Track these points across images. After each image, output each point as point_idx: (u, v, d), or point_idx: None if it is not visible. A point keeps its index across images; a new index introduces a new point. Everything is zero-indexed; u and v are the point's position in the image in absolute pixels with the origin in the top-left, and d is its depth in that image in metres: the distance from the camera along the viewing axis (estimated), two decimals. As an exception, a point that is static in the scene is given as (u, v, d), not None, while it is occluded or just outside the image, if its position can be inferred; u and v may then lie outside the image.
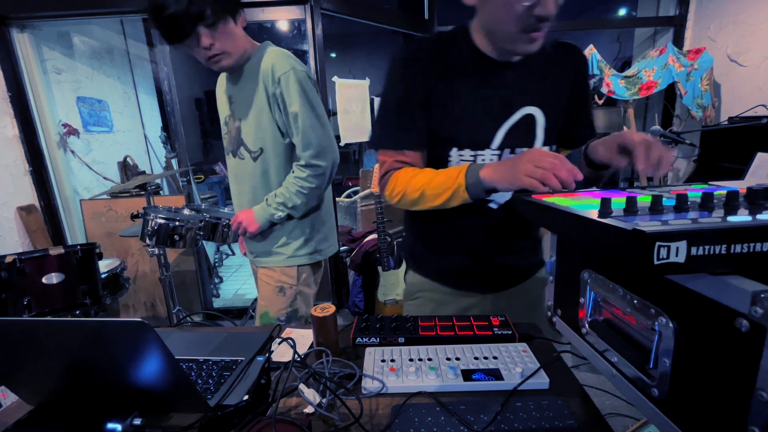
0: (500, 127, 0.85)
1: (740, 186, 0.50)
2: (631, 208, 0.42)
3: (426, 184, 0.81)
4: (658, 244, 0.32)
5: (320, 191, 1.24)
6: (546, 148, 0.89)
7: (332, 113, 2.61)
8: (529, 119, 0.86)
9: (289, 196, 1.20)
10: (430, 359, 0.76)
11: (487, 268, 0.98)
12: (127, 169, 3.01)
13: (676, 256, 0.32)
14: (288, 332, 0.91)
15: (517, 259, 1.00)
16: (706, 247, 0.32)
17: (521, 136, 0.86)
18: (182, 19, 1.03)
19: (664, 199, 0.43)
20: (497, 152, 0.86)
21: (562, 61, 0.89)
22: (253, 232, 1.24)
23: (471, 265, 0.97)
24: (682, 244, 0.32)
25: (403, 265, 2.44)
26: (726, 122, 2.27)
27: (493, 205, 0.91)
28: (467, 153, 0.86)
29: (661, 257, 0.32)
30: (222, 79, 1.31)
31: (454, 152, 0.86)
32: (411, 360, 0.76)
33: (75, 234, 2.69)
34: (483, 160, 0.86)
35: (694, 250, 0.32)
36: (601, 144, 0.77)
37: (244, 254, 1.43)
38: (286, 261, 1.28)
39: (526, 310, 0.99)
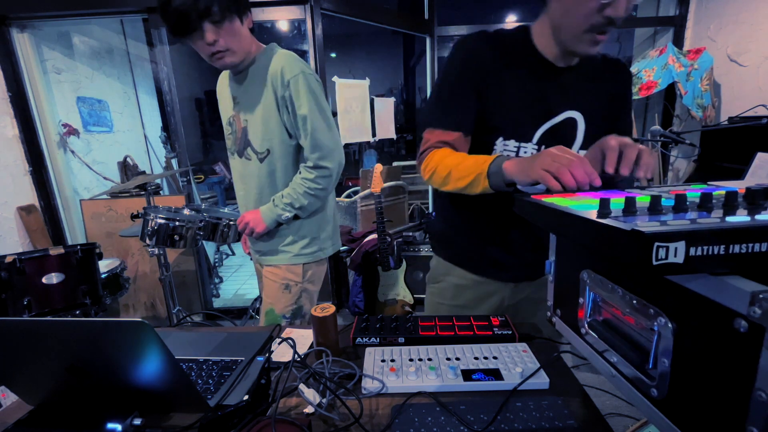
0: (542, 125, 0.89)
1: (740, 186, 0.50)
2: (629, 208, 0.42)
3: (456, 165, 0.84)
4: (656, 244, 0.32)
5: (327, 192, 1.25)
6: (582, 152, 0.92)
7: (333, 114, 2.61)
8: (571, 122, 0.91)
9: (296, 196, 1.21)
10: (430, 359, 0.76)
11: (511, 258, 1.01)
12: (127, 169, 3.01)
13: (675, 256, 0.32)
14: (288, 332, 0.91)
15: (540, 252, 1.01)
16: (705, 248, 0.32)
17: (561, 136, 0.91)
18: (189, 13, 1.04)
19: (663, 199, 0.43)
20: (536, 147, 0.90)
21: (610, 74, 0.95)
22: (260, 233, 1.25)
23: (496, 253, 1.01)
24: (681, 245, 0.32)
25: (404, 265, 2.45)
26: (726, 122, 2.27)
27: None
28: (512, 143, 0.90)
29: (659, 258, 0.32)
30: (224, 79, 1.32)
31: (499, 141, 0.90)
32: (411, 360, 0.76)
33: (75, 234, 2.69)
34: (525, 152, 0.90)
35: (692, 251, 0.32)
36: (589, 151, 0.77)
37: (248, 253, 1.44)
38: (292, 259, 1.29)
39: (542, 305, 1.03)
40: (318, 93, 1.18)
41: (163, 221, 1.69)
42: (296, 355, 0.72)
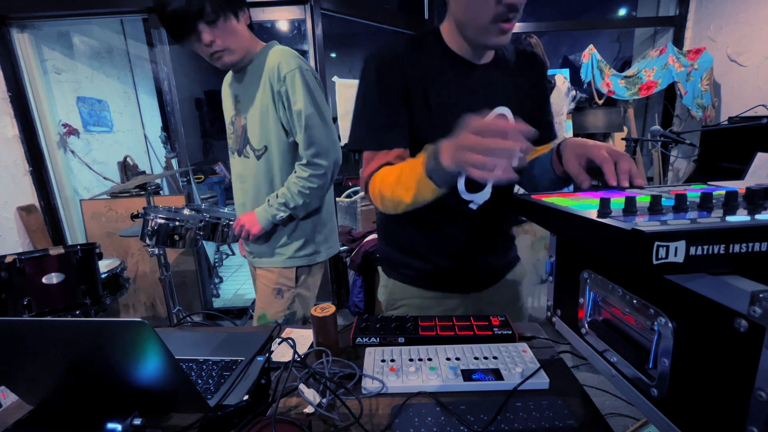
0: None
1: (740, 186, 0.50)
2: (630, 208, 0.42)
3: (396, 180, 0.75)
4: (656, 243, 0.32)
5: (322, 191, 1.23)
6: None
7: (333, 117, 2.61)
8: (502, 119, 0.86)
9: (291, 196, 1.19)
10: (430, 359, 0.76)
11: (468, 269, 0.98)
12: (127, 169, 3.01)
13: (675, 255, 0.32)
14: (288, 332, 0.91)
15: (497, 257, 1.01)
16: (705, 247, 0.32)
17: None
18: (182, 16, 1.04)
19: (663, 199, 0.43)
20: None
21: (526, 68, 0.93)
22: (255, 234, 1.24)
23: (453, 267, 0.96)
24: (681, 244, 0.32)
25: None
26: (726, 122, 2.27)
27: (473, 206, 0.91)
28: None
29: (659, 257, 0.32)
30: (228, 79, 1.32)
31: None
32: (411, 360, 0.76)
33: (75, 234, 2.69)
34: None
35: (692, 250, 0.32)
36: (570, 151, 0.71)
37: (244, 255, 1.43)
38: (285, 262, 1.27)
39: (506, 306, 1.02)
40: (314, 89, 1.16)
41: (163, 221, 1.69)
42: (296, 355, 0.72)
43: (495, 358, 0.75)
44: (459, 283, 0.99)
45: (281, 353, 0.80)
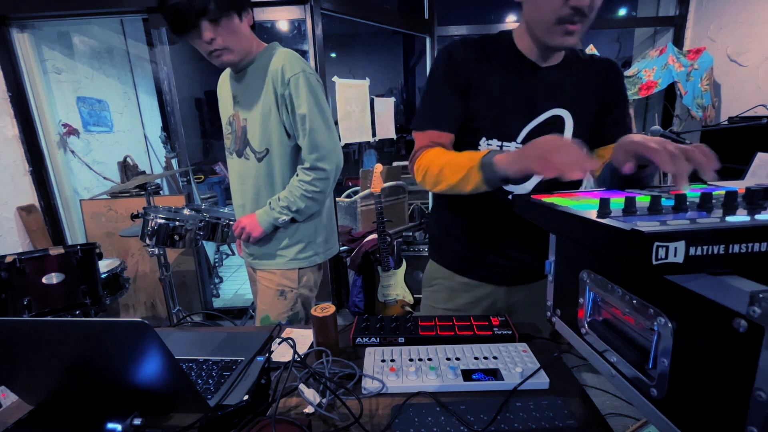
0: (528, 123, 0.90)
1: (740, 186, 0.50)
2: (629, 208, 0.42)
3: (448, 162, 0.84)
4: (656, 244, 0.32)
5: (324, 195, 1.23)
6: None
7: (334, 119, 2.61)
8: (558, 120, 0.91)
9: (293, 199, 1.19)
10: (430, 359, 0.76)
11: (503, 261, 1.01)
12: (127, 169, 3.01)
13: (675, 256, 0.32)
14: (288, 332, 0.91)
15: (533, 255, 1.01)
16: (705, 248, 0.32)
17: (547, 134, 0.88)
18: (185, 12, 1.04)
19: (663, 199, 0.43)
20: (521, 146, 0.90)
21: (598, 73, 0.95)
22: (256, 237, 1.23)
23: (487, 256, 1.01)
24: (681, 245, 0.32)
25: (404, 265, 2.45)
26: (726, 122, 2.27)
27: (511, 197, 0.93)
28: (495, 143, 0.90)
29: (659, 257, 0.32)
30: (225, 78, 1.31)
31: (482, 141, 0.91)
32: (411, 360, 0.76)
33: (75, 234, 2.69)
34: (508, 151, 0.88)
35: (692, 251, 0.32)
36: (619, 151, 0.71)
37: (242, 256, 1.43)
38: (287, 264, 1.27)
39: (537, 307, 1.02)
40: (318, 93, 1.17)
41: (163, 221, 1.69)
42: (296, 355, 0.72)
43: (495, 358, 0.75)
44: (490, 274, 1.03)
45: (281, 353, 0.80)
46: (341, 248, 2.73)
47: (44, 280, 1.61)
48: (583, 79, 0.93)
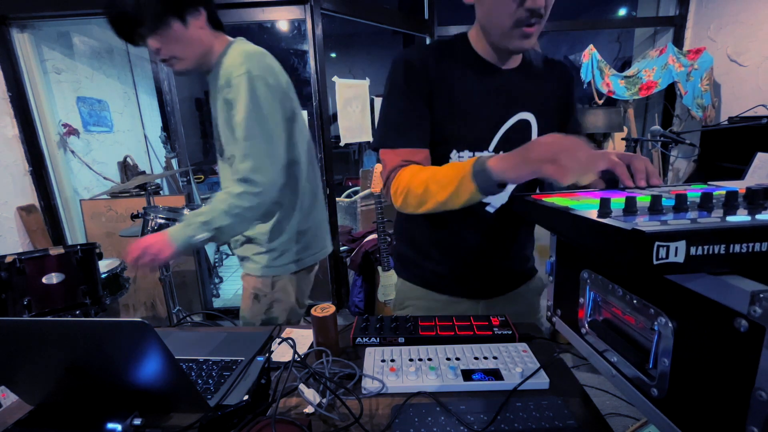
0: (498, 130, 0.87)
1: (740, 186, 0.50)
2: (630, 208, 0.42)
3: (431, 177, 0.77)
4: (657, 243, 0.32)
5: (253, 214, 1.06)
6: None
7: (333, 118, 2.61)
8: (524, 124, 0.89)
9: (215, 215, 1.01)
10: (430, 359, 0.76)
11: (480, 274, 0.97)
12: (127, 169, 3.01)
13: (675, 255, 0.32)
14: (288, 332, 0.91)
15: (510, 265, 1.00)
16: (705, 247, 0.32)
17: (516, 139, 0.87)
18: (119, 23, 0.97)
19: (663, 199, 0.43)
20: (493, 155, 0.85)
21: (554, 75, 0.93)
22: (166, 258, 1.02)
23: (463, 271, 0.96)
24: (681, 244, 0.32)
25: (403, 265, 2.45)
26: (726, 122, 2.27)
27: (489, 209, 0.91)
28: (466, 154, 0.86)
29: (660, 257, 0.32)
30: None
31: (453, 154, 0.86)
32: (411, 360, 0.76)
33: (75, 234, 2.69)
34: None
35: (693, 250, 0.32)
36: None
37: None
38: (260, 270, 1.20)
39: (517, 318, 0.96)
40: (263, 97, 1.01)
41: (163, 221, 1.69)
42: (296, 355, 0.72)
43: (495, 358, 0.75)
44: (468, 288, 0.99)
45: (281, 353, 0.80)
46: (341, 248, 2.73)
47: (44, 280, 1.61)
48: (542, 80, 0.91)
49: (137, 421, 0.59)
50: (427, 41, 2.99)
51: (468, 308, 0.99)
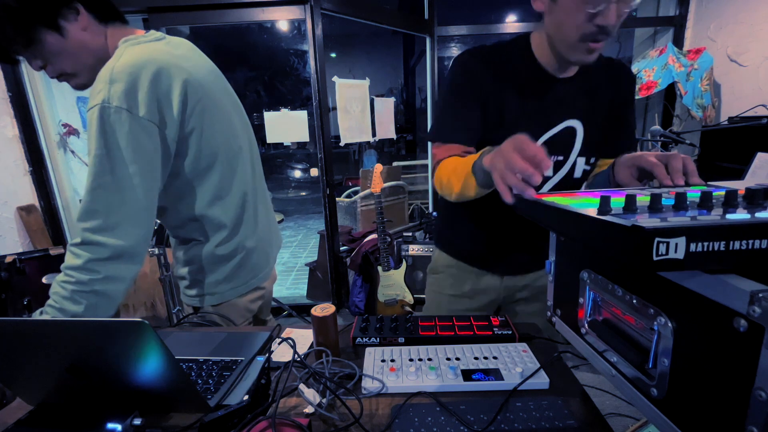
0: (541, 136, 0.90)
1: (740, 186, 0.50)
2: (630, 206, 0.42)
3: (452, 170, 0.83)
4: (657, 239, 0.32)
5: (121, 282, 0.80)
6: (583, 159, 0.94)
7: (332, 108, 2.61)
8: (570, 131, 0.92)
9: (62, 303, 0.77)
10: (430, 359, 0.76)
11: (504, 250, 1.06)
12: (127, 169, 3.01)
13: (675, 252, 0.32)
14: (288, 332, 0.91)
15: (533, 246, 1.04)
16: (705, 244, 0.32)
17: (559, 145, 0.91)
18: None
19: (663, 198, 0.43)
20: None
21: (611, 78, 0.94)
22: None
23: (492, 249, 1.07)
24: (681, 240, 0.32)
25: (403, 265, 2.45)
26: (726, 122, 2.26)
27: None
28: None
29: (660, 253, 0.32)
30: None
31: None
32: (411, 360, 0.76)
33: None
34: None
35: (693, 247, 0.32)
36: (621, 166, 0.74)
37: None
38: (183, 297, 1.09)
39: (538, 298, 1.10)
40: (119, 134, 0.76)
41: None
42: (296, 355, 0.72)
43: (495, 358, 0.75)
44: (493, 263, 1.09)
45: (281, 353, 0.80)
46: (341, 248, 2.73)
47: (44, 280, 1.62)
48: (597, 87, 0.93)
49: (137, 421, 0.59)
50: (427, 41, 2.99)
51: (493, 281, 1.10)
